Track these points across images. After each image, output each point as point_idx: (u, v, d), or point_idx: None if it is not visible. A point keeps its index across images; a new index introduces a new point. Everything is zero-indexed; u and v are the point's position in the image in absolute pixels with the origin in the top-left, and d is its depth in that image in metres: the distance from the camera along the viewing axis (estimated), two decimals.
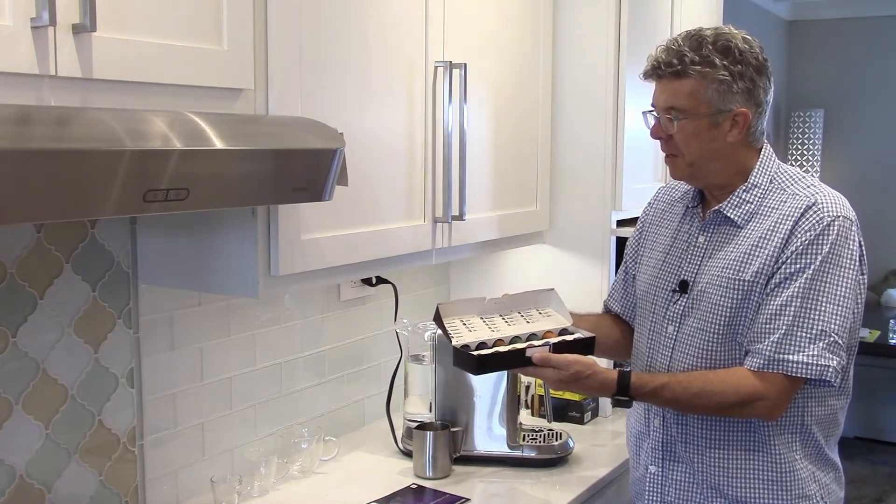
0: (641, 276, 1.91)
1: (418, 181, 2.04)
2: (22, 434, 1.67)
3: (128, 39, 1.36)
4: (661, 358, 1.80)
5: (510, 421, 2.23)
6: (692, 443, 1.76)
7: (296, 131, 1.56)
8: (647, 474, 1.83)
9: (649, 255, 1.90)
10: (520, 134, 2.44)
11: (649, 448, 1.83)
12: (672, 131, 1.71)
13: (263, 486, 2.00)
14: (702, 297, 1.73)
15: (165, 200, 1.28)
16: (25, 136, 1.13)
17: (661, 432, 1.80)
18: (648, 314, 1.85)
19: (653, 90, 1.75)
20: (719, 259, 1.73)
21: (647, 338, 1.84)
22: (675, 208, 1.89)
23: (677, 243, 1.83)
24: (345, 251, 1.83)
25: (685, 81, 1.67)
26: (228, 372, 2.07)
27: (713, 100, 1.67)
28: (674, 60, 1.67)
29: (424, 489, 2.08)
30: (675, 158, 1.75)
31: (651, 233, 1.94)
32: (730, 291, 1.69)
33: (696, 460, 1.76)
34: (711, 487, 1.75)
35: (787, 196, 1.71)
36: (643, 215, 2.01)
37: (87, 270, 1.75)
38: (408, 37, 1.98)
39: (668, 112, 1.70)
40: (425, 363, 2.29)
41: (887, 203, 5.57)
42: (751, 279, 1.67)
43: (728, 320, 1.70)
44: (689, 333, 1.75)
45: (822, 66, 5.86)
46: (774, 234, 1.68)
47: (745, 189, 1.73)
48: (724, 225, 1.76)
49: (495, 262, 2.73)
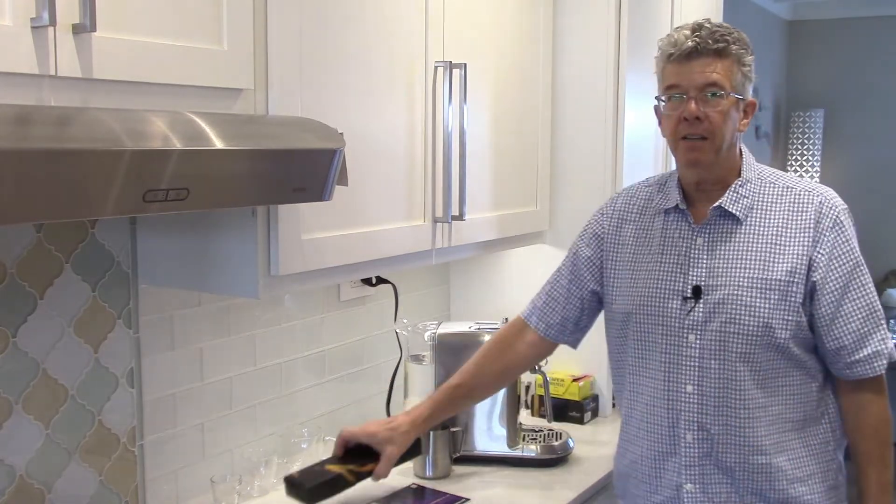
0: (627, 291, 1.81)
1: (418, 181, 2.04)
2: (22, 434, 1.67)
3: (128, 39, 1.36)
4: (686, 369, 1.73)
5: (510, 421, 2.23)
6: (734, 452, 1.71)
7: (296, 131, 1.56)
8: (683, 494, 1.75)
9: (631, 269, 1.82)
10: (520, 134, 2.44)
11: (680, 466, 1.75)
12: (712, 109, 1.67)
13: (263, 486, 2.00)
14: (727, 301, 1.69)
15: (165, 200, 1.28)
16: (25, 136, 1.13)
17: (696, 447, 1.73)
18: (656, 327, 1.76)
19: (665, 75, 1.71)
20: (731, 259, 1.71)
21: (661, 352, 1.75)
22: (645, 215, 1.83)
23: (669, 249, 1.77)
24: (345, 251, 1.83)
25: (725, 61, 1.67)
26: (228, 372, 2.07)
27: (739, 84, 1.69)
28: (717, 38, 1.66)
29: (424, 489, 2.08)
30: (704, 143, 1.68)
31: (619, 245, 1.86)
32: (764, 292, 1.67)
33: (737, 469, 1.71)
34: (753, 493, 1.72)
35: (781, 190, 1.74)
36: (597, 228, 1.91)
37: (87, 270, 1.75)
38: (408, 37, 1.98)
39: (707, 89, 1.67)
40: (425, 363, 2.29)
41: (887, 203, 5.57)
42: (785, 278, 1.67)
43: (765, 321, 1.67)
44: (717, 339, 1.69)
45: (822, 66, 5.86)
46: (795, 232, 1.70)
47: (741, 184, 1.74)
48: (724, 221, 1.73)
49: (495, 262, 2.73)
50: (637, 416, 1.81)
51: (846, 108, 5.81)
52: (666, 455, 1.77)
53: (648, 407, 1.78)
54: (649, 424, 1.78)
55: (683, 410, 1.73)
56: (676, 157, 1.75)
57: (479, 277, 2.76)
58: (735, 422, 1.70)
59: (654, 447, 1.78)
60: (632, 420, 1.84)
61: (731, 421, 1.70)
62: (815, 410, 1.74)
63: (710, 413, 1.71)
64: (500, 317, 2.36)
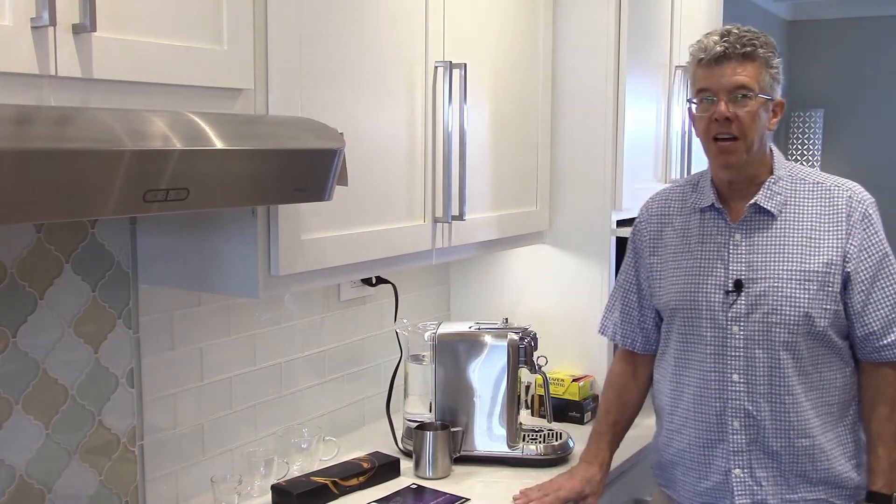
0: (670, 287, 1.91)
1: (418, 181, 2.04)
2: (22, 434, 1.67)
3: (128, 39, 1.36)
4: (732, 360, 1.82)
5: (510, 421, 2.23)
6: (780, 436, 1.80)
7: (296, 131, 1.56)
8: (731, 478, 1.84)
9: (673, 266, 1.92)
10: (520, 134, 2.44)
11: (728, 452, 1.84)
12: (741, 110, 1.75)
13: (263, 486, 2.00)
14: (768, 292, 1.78)
15: (165, 200, 1.28)
16: (25, 136, 1.13)
17: (743, 433, 1.82)
18: (701, 321, 1.85)
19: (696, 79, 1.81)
20: (769, 253, 1.80)
21: (707, 344, 1.84)
22: (682, 214, 1.93)
23: (708, 246, 1.86)
24: (345, 251, 1.83)
25: (753, 64, 1.76)
26: (228, 372, 2.07)
27: (767, 85, 1.78)
28: (745, 42, 1.76)
29: (424, 489, 2.08)
30: (735, 143, 1.77)
31: (660, 246, 1.96)
32: (803, 283, 1.77)
33: (782, 452, 1.81)
34: (797, 475, 1.81)
35: (812, 186, 1.84)
36: (634, 244, 2.03)
37: (87, 270, 1.75)
38: (408, 37, 1.98)
39: (735, 92, 1.76)
40: (425, 363, 2.29)
41: (887, 203, 5.56)
42: (822, 269, 1.77)
43: (805, 310, 1.77)
44: (760, 329, 1.79)
45: (822, 66, 5.86)
46: (829, 225, 1.79)
47: (774, 181, 1.83)
48: (759, 217, 1.82)
49: (495, 262, 2.73)
50: (683, 406, 1.90)
51: (846, 108, 5.81)
52: (714, 442, 1.86)
53: (695, 397, 1.87)
54: (696, 414, 1.87)
55: (730, 399, 1.83)
56: (710, 158, 1.85)
57: (479, 277, 2.77)
58: (780, 407, 1.80)
59: (701, 435, 1.88)
60: (677, 411, 1.92)
61: (776, 407, 1.80)
62: (847, 393, 1.84)
63: (757, 400, 1.81)
64: (501, 317, 2.36)
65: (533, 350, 2.25)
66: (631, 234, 2.05)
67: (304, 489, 1.95)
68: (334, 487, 2.00)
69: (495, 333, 2.25)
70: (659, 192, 2.04)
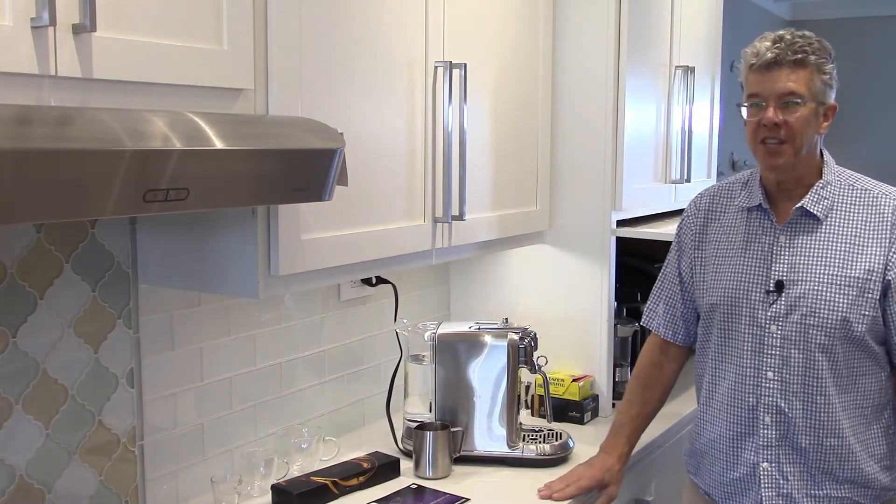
0: (713, 284, 1.94)
1: (418, 181, 2.04)
2: (22, 434, 1.67)
3: (128, 39, 1.36)
4: (768, 357, 1.85)
5: (510, 421, 2.23)
6: (809, 434, 1.82)
7: (296, 131, 1.56)
8: (759, 471, 1.87)
9: (716, 263, 1.94)
10: (520, 134, 2.44)
11: (757, 446, 1.87)
12: (790, 116, 1.77)
13: (263, 486, 2.00)
14: (807, 295, 1.80)
15: (165, 200, 1.28)
16: (25, 136, 1.13)
17: (773, 429, 1.85)
18: (740, 318, 1.88)
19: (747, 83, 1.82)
20: (812, 256, 1.82)
21: (744, 340, 1.87)
22: (729, 212, 1.95)
23: (753, 245, 1.88)
24: (345, 251, 1.83)
25: (804, 70, 1.77)
26: (228, 372, 2.07)
27: (819, 91, 1.79)
28: (796, 49, 1.76)
29: (424, 489, 2.08)
30: (783, 146, 1.79)
31: (705, 241, 1.98)
32: (843, 288, 1.78)
33: (811, 450, 1.82)
34: (824, 472, 1.83)
35: (859, 192, 1.85)
36: (680, 237, 2.05)
37: (87, 270, 1.75)
38: (408, 37, 1.98)
39: (785, 97, 1.77)
40: (425, 363, 2.29)
41: None
42: (863, 276, 1.78)
43: (843, 315, 1.78)
44: (797, 330, 1.81)
45: None
46: (873, 233, 1.80)
47: (822, 185, 1.85)
48: (805, 220, 1.84)
49: (495, 262, 2.73)
50: (718, 398, 1.94)
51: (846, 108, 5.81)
52: (744, 435, 1.89)
53: (730, 391, 1.91)
54: (730, 407, 1.91)
55: (764, 395, 1.85)
56: (757, 159, 1.86)
57: (479, 277, 2.76)
58: (812, 406, 1.82)
59: (732, 428, 1.91)
60: (712, 402, 1.96)
61: (808, 406, 1.82)
62: (882, 397, 1.85)
63: (790, 398, 1.83)
64: (501, 317, 2.36)
65: (533, 350, 2.25)
66: (677, 228, 2.07)
67: (304, 489, 1.95)
68: (334, 487, 2.00)
69: (495, 333, 2.25)
70: (708, 188, 2.06)
